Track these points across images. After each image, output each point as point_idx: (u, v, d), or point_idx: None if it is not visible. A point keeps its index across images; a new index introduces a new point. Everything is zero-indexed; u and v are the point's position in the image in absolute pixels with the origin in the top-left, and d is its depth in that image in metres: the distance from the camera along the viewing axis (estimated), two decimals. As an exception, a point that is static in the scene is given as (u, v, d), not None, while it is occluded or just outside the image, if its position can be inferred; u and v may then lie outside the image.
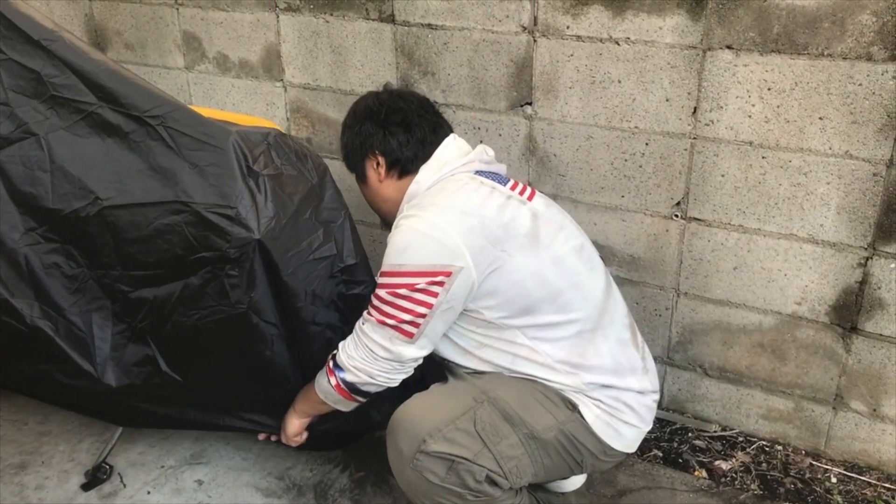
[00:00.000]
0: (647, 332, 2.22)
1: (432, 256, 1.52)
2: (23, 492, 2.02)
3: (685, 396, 2.25)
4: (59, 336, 1.69)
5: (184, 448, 2.17)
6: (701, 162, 1.98)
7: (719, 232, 2.02)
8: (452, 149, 1.74)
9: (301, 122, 2.58)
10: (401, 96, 1.78)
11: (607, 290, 1.71)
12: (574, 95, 2.07)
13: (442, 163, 1.70)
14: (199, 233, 1.58)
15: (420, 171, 1.70)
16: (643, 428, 1.71)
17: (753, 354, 2.11)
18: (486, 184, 1.64)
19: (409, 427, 1.53)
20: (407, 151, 1.71)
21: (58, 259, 1.70)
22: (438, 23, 2.19)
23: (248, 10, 2.50)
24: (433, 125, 1.75)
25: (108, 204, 1.64)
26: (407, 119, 1.72)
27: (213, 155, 1.60)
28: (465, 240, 1.53)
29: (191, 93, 2.76)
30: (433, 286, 1.52)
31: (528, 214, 1.62)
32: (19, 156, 1.72)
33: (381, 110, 1.73)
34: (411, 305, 1.54)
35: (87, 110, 1.69)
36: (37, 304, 1.69)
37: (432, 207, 1.59)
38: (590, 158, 2.11)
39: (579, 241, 1.70)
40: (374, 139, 1.72)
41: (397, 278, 1.54)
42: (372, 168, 1.75)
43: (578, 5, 1.98)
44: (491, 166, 1.74)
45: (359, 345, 1.61)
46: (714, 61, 1.87)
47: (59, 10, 2.92)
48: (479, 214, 1.57)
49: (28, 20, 1.74)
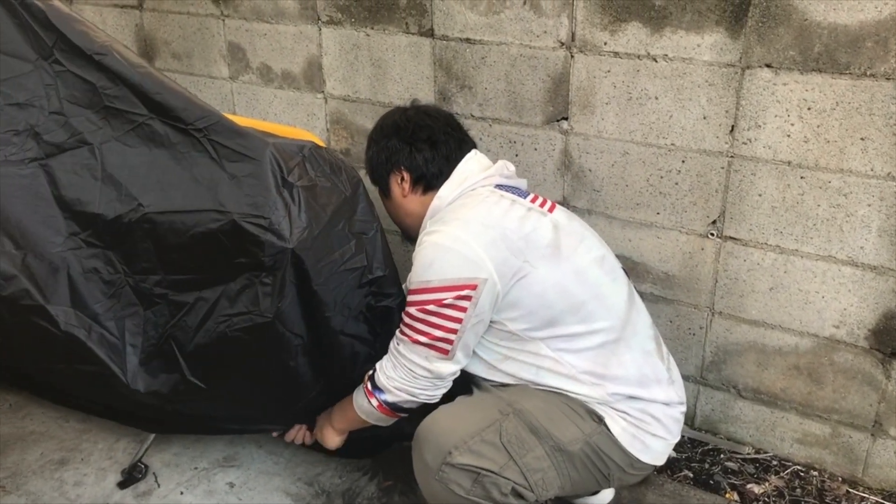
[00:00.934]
0: (680, 350, 2.20)
1: (457, 270, 1.54)
2: (62, 487, 2.08)
3: (718, 417, 2.22)
4: (92, 342, 1.74)
5: (217, 450, 2.21)
6: (738, 180, 1.96)
7: (755, 252, 2.00)
8: (473, 163, 1.76)
9: (340, 134, 2.62)
10: (427, 113, 1.81)
11: (630, 301, 1.71)
12: (610, 111, 2.07)
13: (462, 177, 1.72)
14: (234, 241, 1.62)
15: (442, 187, 1.73)
16: (670, 440, 1.69)
17: (789, 377, 2.07)
18: (505, 196, 1.67)
19: (435, 439, 1.54)
20: (432, 168, 1.74)
21: (97, 264, 1.75)
22: (477, 37, 2.21)
23: (292, 22, 2.55)
24: (458, 142, 1.78)
25: (149, 211, 1.69)
26: (433, 136, 1.75)
27: (249, 166, 1.64)
28: (488, 252, 1.55)
29: (234, 102, 2.82)
30: (461, 301, 1.53)
31: (548, 226, 1.64)
32: (71, 163, 1.79)
33: (407, 126, 1.77)
34: (442, 322, 1.56)
35: (137, 121, 1.75)
36: (72, 310, 1.74)
37: (454, 222, 1.61)
38: (625, 174, 2.10)
39: (601, 253, 1.71)
40: (400, 155, 1.76)
41: (425, 294, 1.56)
42: (396, 183, 1.78)
43: (616, 22, 1.98)
44: (511, 180, 1.75)
45: (397, 365, 1.63)
46: (753, 79, 1.86)
47: (112, 20, 3.01)
48: (500, 226, 1.59)
49: (82, 34, 1.81)
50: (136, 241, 1.71)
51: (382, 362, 1.68)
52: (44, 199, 1.76)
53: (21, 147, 1.80)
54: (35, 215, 1.75)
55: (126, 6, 2.95)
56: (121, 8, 2.97)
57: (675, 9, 1.89)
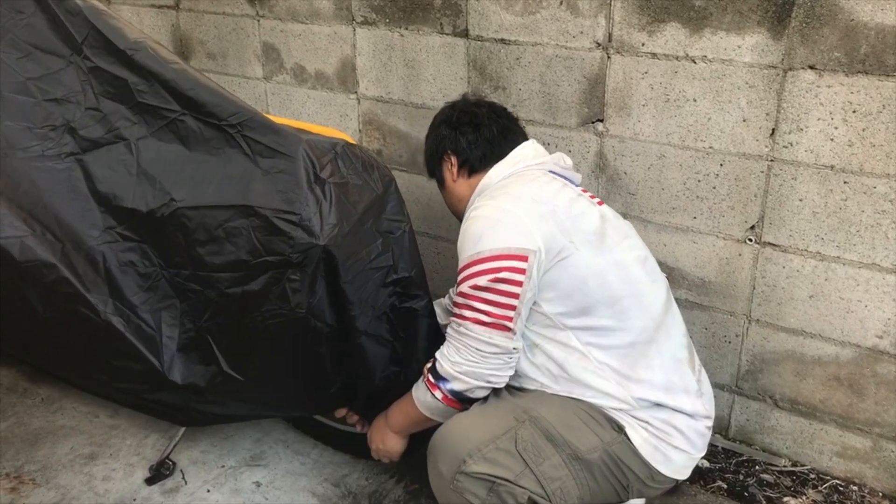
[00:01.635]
0: (715, 358, 2.15)
1: (507, 240, 1.53)
2: (91, 482, 2.09)
3: (753, 427, 2.17)
4: (130, 332, 1.74)
5: (244, 449, 2.20)
6: (778, 185, 1.91)
7: (795, 258, 1.95)
8: (528, 149, 1.77)
9: (372, 135, 2.61)
10: (475, 103, 1.85)
11: (667, 305, 1.68)
12: (647, 113, 2.03)
13: (515, 160, 1.74)
14: (264, 237, 1.61)
15: (493, 168, 1.74)
16: (694, 454, 1.64)
17: (829, 388, 2.01)
18: (557, 179, 1.69)
19: (449, 448, 1.51)
20: (475, 150, 1.76)
21: (133, 257, 1.76)
22: (512, 38, 2.19)
23: (326, 23, 2.55)
24: (502, 128, 1.79)
25: (182, 206, 1.69)
26: (476, 120, 1.79)
27: (282, 162, 1.64)
28: (538, 224, 1.55)
29: (268, 102, 2.83)
30: (515, 273, 1.52)
31: (597, 214, 1.65)
32: (107, 158, 1.80)
33: (453, 114, 1.82)
34: (500, 298, 1.53)
35: (170, 117, 1.76)
36: (111, 300, 1.75)
37: (503, 196, 1.62)
38: (661, 178, 2.07)
39: (643, 253, 1.70)
40: (446, 141, 1.80)
41: (477, 266, 1.55)
42: (447, 169, 1.82)
43: (655, 22, 1.95)
44: (566, 171, 1.76)
45: (461, 348, 1.56)
46: (795, 81, 1.81)
47: (149, 19, 3.05)
48: (550, 203, 1.60)
49: (116, 30, 1.82)
50: (168, 235, 1.72)
51: (443, 350, 1.61)
52: (80, 194, 1.78)
53: (58, 142, 1.82)
54: (72, 209, 1.77)
55: (163, 6, 2.98)
56: (157, 8, 3.00)
57: (715, 9, 1.86)
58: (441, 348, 1.63)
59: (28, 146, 1.80)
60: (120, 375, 1.86)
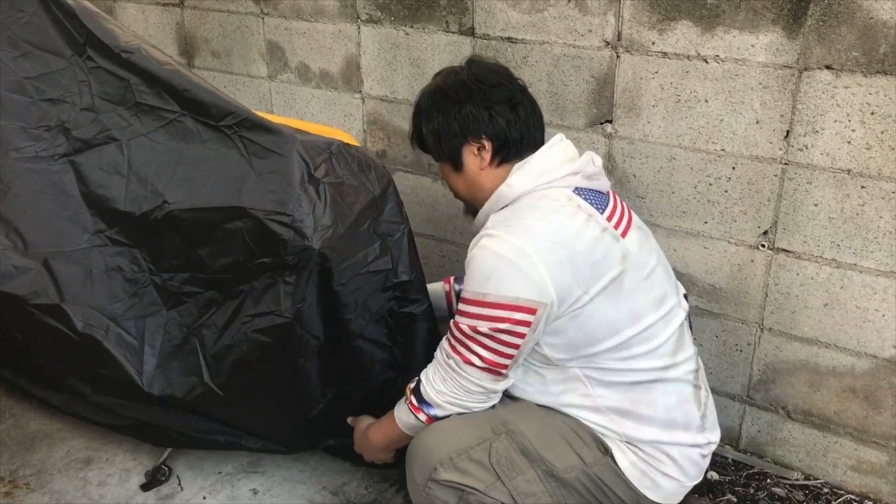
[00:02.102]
0: (726, 367, 2.09)
1: (517, 289, 1.41)
2: (85, 487, 2.05)
3: (765, 439, 2.10)
4: (110, 342, 1.70)
5: (242, 455, 2.16)
6: (792, 189, 1.85)
7: (810, 265, 1.88)
8: (558, 152, 1.56)
9: (377, 135, 2.56)
10: (494, 70, 1.61)
11: (678, 342, 1.58)
12: (657, 114, 1.97)
13: (542, 169, 1.52)
14: (258, 238, 1.58)
15: (514, 174, 1.53)
16: (686, 482, 1.57)
17: (844, 399, 1.94)
18: (583, 208, 1.49)
19: (422, 455, 1.50)
20: (514, 133, 1.54)
21: (121, 262, 1.72)
22: (519, 36, 2.13)
23: (331, 21, 2.51)
24: (533, 104, 1.61)
25: (174, 207, 1.65)
26: (512, 97, 1.55)
27: (276, 162, 1.60)
28: (553, 274, 1.41)
29: (272, 102, 2.79)
30: (519, 326, 1.42)
31: (618, 255, 1.48)
32: (99, 159, 1.77)
33: (482, 88, 1.54)
34: (498, 346, 1.45)
35: (169, 118, 1.73)
36: (91, 310, 1.70)
37: (521, 230, 1.44)
38: (672, 181, 2.01)
39: (662, 291, 1.56)
40: (479, 122, 1.53)
41: (479, 309, 1.44)
42: (472, 154, 1.57)
43: (665, 20, 1.89)
44: (593, 182, 1.56)
45: (447, 379, 1.52)
46: (811, 82, 1.75)
47: (154, 17, 3.01)
48: (570, 247, 1.43)
49: (109, 32, 1.80)
50: (163, 237, 1.68)
51: (429, 374, 1.55)
52: (71, 196, 1.75)
53: (52, 143, 1.79)
54: (62, 211, 1.74)
55: (167, 4, 2.95)
56: (162, 6, 2.97)
57: (728, 7, 1.79)
58: (427, 370, 1.56)
59: (21, 146, 1.78)
60: (98, 388, 1.81)
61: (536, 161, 1.54)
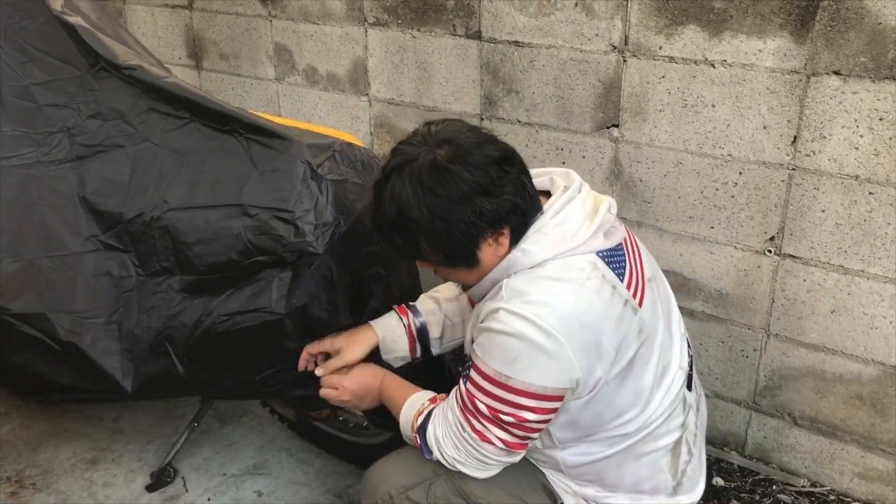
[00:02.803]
0: (731, 373, 2.08)
1: (546, 378, 1.28)
2: (91, 487, 2.06)
3: (771, 445, 2.09)
4: (91, 349, 1.68)
5: (247, 457, 2.17)
6: (799, 195, 1.84)
7: (816, 271, 1.87)
8: (578, 206, 1.35)
9: (384, 137, 2.57)
10: (474, 143, 1.32)
11: (669, 409, 1.44)
12: (664, 119, 1.96)
13: (563, 233, 1.32)
14: (256, 236, 1.57)
15: (530, 239, 1.32)
16: None
17: (850, 406, 1.93)
18: (607, 279, 1.32)
19: (369, 486, 1.52)
20: (525, 201, 1.33)
21: (111, 266, 1.72)
22: (525, 40, 2.13)
23: (338, 23, 2.51)
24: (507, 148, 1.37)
25: (172, 207, 1.65)
26: (497, 157, 1.32)
27: (278, 161, 1.61)
28: (580, 360, 1.28)
29: (280, 104, 2.80)
30: (546, 414, 1.32)
31: (636, 331, 1.36)
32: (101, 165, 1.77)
33: (487, 177, 1.29)
34: (520, 433, 1.34)
35: (177, 124, 1.74)
36: (73, 315, 1.69)
37: (545, 309, 1.27)
38: (678, 186, 2.00)
39: (666, 360, 1.44)
40: (498, 212, 1.30)
41: (502, 392, 1.30)
42: (489, 246, 1.33)
43: (672, 25, 1.88)
44: (612, 237, 1.37)
45: (461, 450, 1.39)
46: (819, 87, 1.74)
47: (163, 19, 3.03)
48: (598, 331, 1.29)
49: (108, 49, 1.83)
50: (156, 239, 1.68)
51: (438, 435, 1.41)
52: (69, 201, 1.76)
53: (55, 147, 1.80)
54: (58, 216, 1.74)
55: (176, 6, 2.96)
56: (171, 8, 2.98)
57: (735, 12, 1.79)
58: (437, 430, 1.42)
59: (23, 152, 1.79)
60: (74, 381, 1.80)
61: (557, 222, 1.34)
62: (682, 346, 1.50)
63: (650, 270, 1.46)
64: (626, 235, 1.44)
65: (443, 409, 1.43)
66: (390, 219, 1.32)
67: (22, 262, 1.70)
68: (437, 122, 1.36)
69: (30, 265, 1.70)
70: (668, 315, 1.48)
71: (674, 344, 1.47)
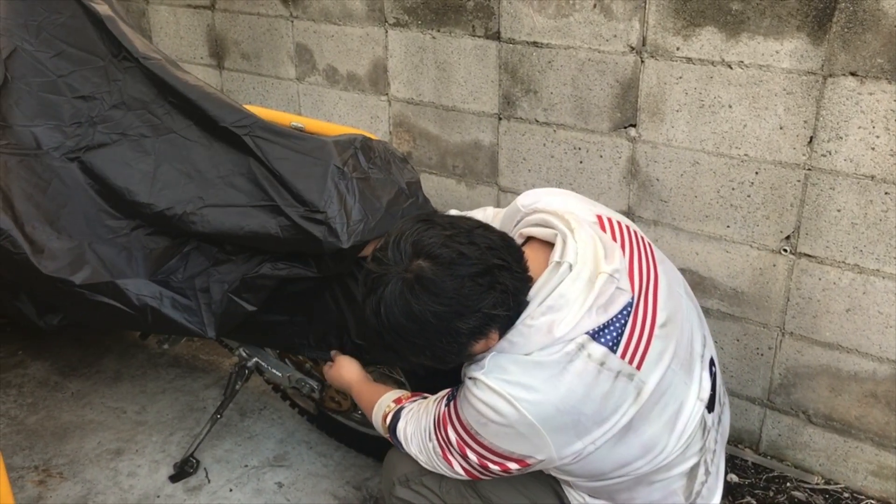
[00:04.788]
0: (746, 371, 2.10)
1: (514, 447, 1.32)
2: (116, 477, 2.11)
3: (785, 443, 2.11)
4: (165, 307, 1.75)
5: (267, 449, 2.21)
6: (815, 195, 1.86)
7: (832, 270, 1.89)
8: (569, 290, 1.29)
9: (403, 137, 2.60)
10: (447, 262, 1.26)
11: (685, 443, 1.41)
12: (681, 119, 1.99)
13: (550, 323, 1.28)
14: (291, 236, 1.62)
15: (515, 330, 1.30)
16: None
17: (865, 405, 1.95)
18: (594, 358, 1.28)
19: (388, 468, 1.60)
20: (512, 306, 1.29)
21: (159, 240, 1.79)
22: (544, 41, 2.16)
23: (359, 24, 2.55)
24: (500, 241, 1.32)
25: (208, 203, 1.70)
26: (484, 269, 1.26)
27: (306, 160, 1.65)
28: (554, 437, 1.29)
29: (300, 103, 2.84)
30: (510, 470, 1.36)
31: (632, 396, 1.32)
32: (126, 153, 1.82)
33: (458, 302, 1.25)
34: (479, 473, 1.40)
35: (191, 121, 1.79)
36: (142, 280, 1.76)
37: (523, 392, 1.27)
38: (695, 185, 2.02)
39: (677, 405, 1.38)
40: (477, 327, 1.28)
41: (470, 440, 1.36)
42: (477, 344, 1.32)
43: (690, 26, 1.90)
44: (611, 308, 1.31)
45: (423, 451, 1.46)
46: (835, 88, 1.76)
47: (185, 19, 3.08)
48: (577, 412, 1.29)
49: (129, 39, 1.88)
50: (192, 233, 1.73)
51: (407, 433, 1.48)
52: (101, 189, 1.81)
53: (82, 138, 1.85)
54: (93, 204, 1.80)
55: (199, 6, 3.01)
56: (194, 8, 3.03)
57: (753, 13, 1.81)
58: (407, 427, 1.48)
59: (57, 146, 1.84)
60: None
61: (543, 310, 1.29)
62: (701, 375, 1.44)
63: (666, 312, 1.39)
64: (638, 285, 1.36)
65: (417, 411, 1.49)
66: (377, 332, 1.31)
67: (73, 242, 1.76)
68: (408, 231, 1.29)
69: (80, 245, 1.76)
70: (687, 348, 1.42)
71: (692, 379, 1.42)
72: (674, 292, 1.45)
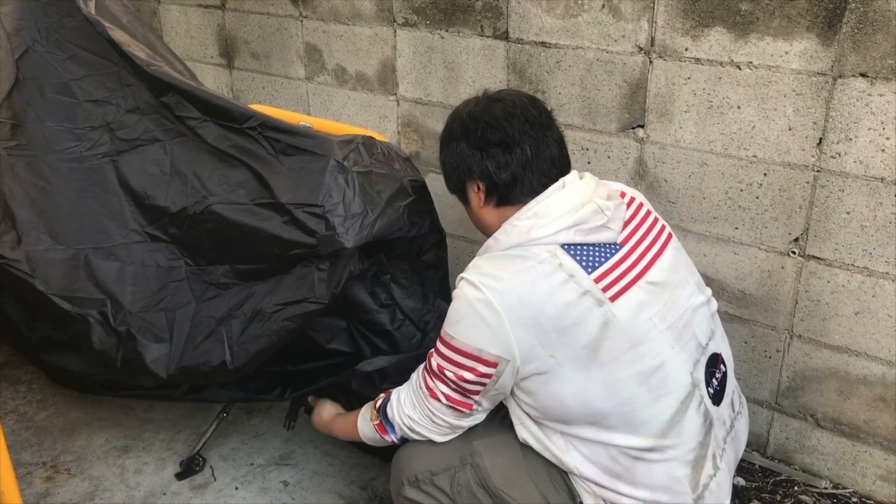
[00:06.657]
0: (754, 373, 2.09)
1: (481, 341, 1.38)
2: (123, 474, 2.12)
3: (793, 447, 2.09)
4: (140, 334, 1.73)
5: (273, 448, 2.21)
6: (824, 196, 1.84)
7: (841, 273, 1.87)
8: (555, 205, 1.43)
9: (411, 137, 2.60)
10: (500, 105, 1.49)
11: (671, 422, 1.40)
12: (689, 120, 1.98)
13: (530, 226, 1.41)
14: (292, 230, 1.63)
15: (502, 229, 1.45)
16: None
17: (874, 409, 1.93)
18: (564, 267, 1.37)
19: (396, 467, 1.59)
20: (504, 176, 1.46)
21: (158, 258, 1.78)
22: (552, 41, 2.15)
23: (368, 24, 2.55)
24: (537, 143, 1.46)
25: (213, 202, 1.71)
26: (506, 138, 1.45)
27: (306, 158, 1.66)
28: (517, 334, 1.36)
29: (309, 103, 2.85)
30: (481, 377, 1.41)
31: (598, 321, 1.36)
32: (142, 158, 1.84)
33: (476, 127, 1.48)
34: (460, 389, 1.45)
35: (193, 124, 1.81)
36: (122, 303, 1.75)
37: (493, 282, 1.38)
38: (703, 186, 2.01)
39: (658, 361, 1.39)
40: (471, 161, 1.49)
41: (447, 350, 1.43)
42: (473, 192, 1.52)
43: (699, 27, 1.89)
44: (593, 234, 1.41)
45: (416, 406, 1.52)
46: (845, 90, 1.74)
47: (196, 19, 3.09)
48: (538, 309, 1.35)
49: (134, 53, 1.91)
50: (201, 233, 1.74)
51: (401, 396, 1.55)
52: (114, 193, 1.82)
53: (96, 142, 1.86)
54: (103, 209, 1.80)
55: (209, 6, 3.02)
56: (204, 8, 3.04)
57: (762, 14, 1.80)
58: (400, 392, 1.56)
59: (67, 147, 1.85)
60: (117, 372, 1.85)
61: (528, 215, 1.43)
62: (699, 358, 1.47)
63: (661, 277, 1.45)
64: (639, 237, 1.47)
65: (410, 379, 1.57)
66: None
67: (70, 251, 1.76)
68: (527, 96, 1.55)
69: (77, 255, 1.76)
70: (681, 321, 1.46)
71: (682, 349, 1.44)
72: (680, 272, 1.52)
